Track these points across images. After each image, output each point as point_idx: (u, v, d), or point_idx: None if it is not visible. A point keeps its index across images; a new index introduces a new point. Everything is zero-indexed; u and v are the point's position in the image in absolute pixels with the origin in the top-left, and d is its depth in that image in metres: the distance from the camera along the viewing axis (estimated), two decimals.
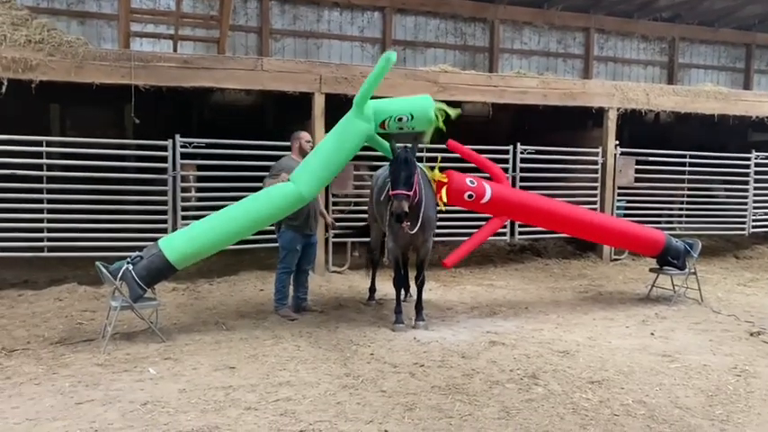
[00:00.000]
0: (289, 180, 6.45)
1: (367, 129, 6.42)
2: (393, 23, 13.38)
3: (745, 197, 11.73)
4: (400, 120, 6.45)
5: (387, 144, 6.65)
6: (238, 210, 6.40)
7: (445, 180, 6.85)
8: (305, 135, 7.28)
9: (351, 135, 6.42)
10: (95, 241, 8.22)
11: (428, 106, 6.50)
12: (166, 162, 8.51)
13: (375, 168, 8.73)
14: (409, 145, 6.44)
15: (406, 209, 6.08)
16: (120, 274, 5.93)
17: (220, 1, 10.27)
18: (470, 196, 6.99)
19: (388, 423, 4.32)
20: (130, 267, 5.96)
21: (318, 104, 9.10)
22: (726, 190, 12.15)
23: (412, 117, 6.45)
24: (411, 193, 6.18)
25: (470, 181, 7.00)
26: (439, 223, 7.76)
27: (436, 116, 6.48)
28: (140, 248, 6.44)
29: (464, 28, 14.05)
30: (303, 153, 7.11)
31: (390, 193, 6.22)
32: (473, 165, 7.60)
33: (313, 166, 6.43)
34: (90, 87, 8.15)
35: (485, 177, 7.40)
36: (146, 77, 8.26)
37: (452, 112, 6.61)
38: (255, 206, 6.39)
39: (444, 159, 7.44)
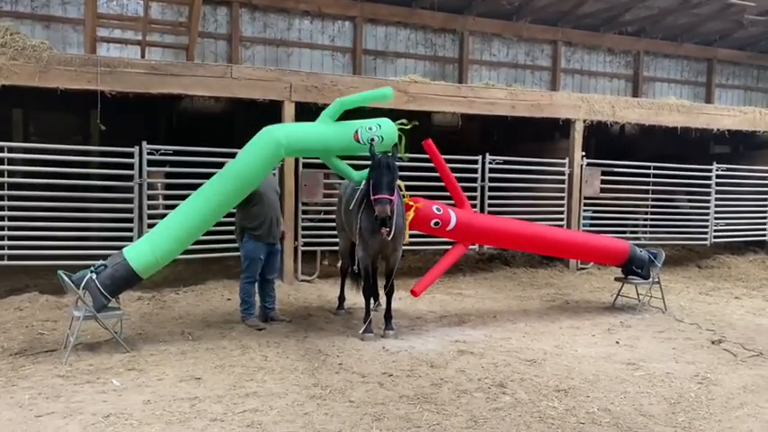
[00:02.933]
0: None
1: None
2: (364, 33, 13.42)
3: (707, 208, 12.01)
4: (370, 129, 6.64)
5: (343, 165, 6.89)
6: (190, 201, 6.36)
7: (413, 206, 6.89)
8: None
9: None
10: (58, 249, 8.04)
11: (389, 122, 6.89)
12: (133, 169, 8.38)
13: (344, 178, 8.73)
14: (389, 152, 6.49)
15: (390, 213, 6.12)
16: (84, 283, 5.82)
17: (189, 7, 10.20)
18: (436, 224, 7.08)
19: None
20: (94, 276, 5.85)
21: (288, 113, 9.08)
22: (689, 201, 12.44)
23: (380, 127, 6.68)
24: (394, 198, 6.23)
25: (437, 208, 7.08)
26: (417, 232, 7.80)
27: (400, 131, 6.81)
28: (105, 257, 6.32)
29: (434, 39, 14.17)
30: None
31: (373, 197, 6.20)
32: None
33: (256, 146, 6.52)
34: (54, 93, 8.00)
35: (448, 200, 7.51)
36: (112, 83, 8.14)
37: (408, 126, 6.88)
38: (206, 191, 6.38)
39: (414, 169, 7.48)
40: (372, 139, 6.57)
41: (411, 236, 7.14)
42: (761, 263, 12.31)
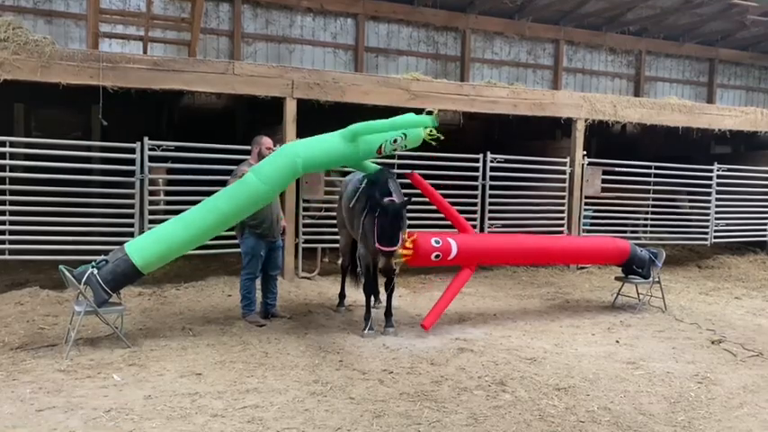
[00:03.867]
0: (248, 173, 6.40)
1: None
2: (366, 30, 13.43)
3: (708, 208, 12.02)
4: (395, 141, 6.42)
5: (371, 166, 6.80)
6: (203, 208, 6.34)
7: (410, 247, 6.69)
8: (266, 141, 7.13)
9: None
10: (59, 244, 8.04)
11: (419, 131, 6.56)
12: (134, 165, 8.38)
13: (345, 174, 8.74)
14: (405, 199, 6.43)
15: (395, 266, 6.22)
16: (85, 278, 5.81)
17: (192, 3, 10.19)
18: (437, 256, 6.92)
19: (357, 430, 4.31)
20: (95, 271, 5.85)
21: (290, 110, 9.06)
22: (689, 201, 12.44)
23: (405, 136, 6.43)
24: (398, 246, 6.22)
25: (435, 241, 6.91)
26: (418, 230, 7.79)
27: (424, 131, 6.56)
28: (106, 252, 6.33)
29: (436, 37, 14.17)
30: (262, 159, 7.05)
31: (379, 246, 6.15)
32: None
33: (274, 166, 6.35)
34: (56, 88, 8.00)
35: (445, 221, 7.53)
36: (114, 79, 8.13)
37: (435, 118, 6.60)
38: (218, 203, 6.32)
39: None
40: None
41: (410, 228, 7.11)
42: (761, 263, 12.31)
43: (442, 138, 6.62)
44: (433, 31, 14.15)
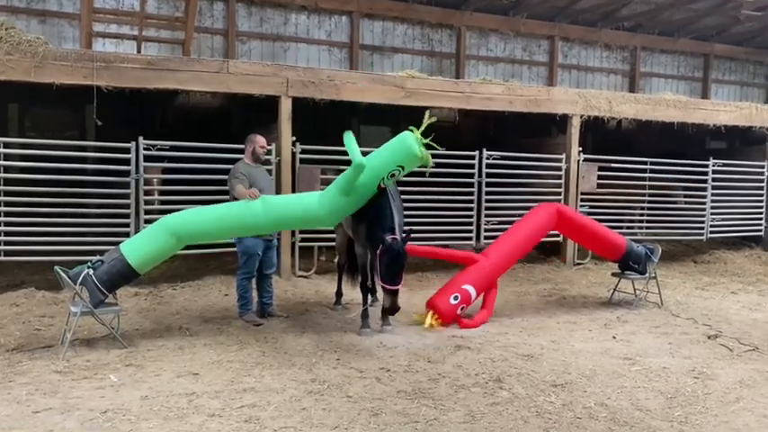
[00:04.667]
0: (258, 198, 6.31)
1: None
2: (361, 28, 13.40)
3: (704, 203, 12.05)
4: (393, 175, 6.12)
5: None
6: (203, 213, 6.33)
7: (437, 320, 6.97)
8: (260, 139, 7.13)
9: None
10: (54, 245, 8.01)
11: (413, 149, 5.96)
12: (129, 165, 8.36)
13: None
14: (405, 234, 6.35)
15: (399, 305, 6.20)
16: (81, 278, 5.80)
17: (186, 2, 10.16)
18: (462, 308, 7.14)
19: (354, 428, 4.31)
20: (91, 272, 5.84)
21: (285, 108, 9.05)
22: (685, 196, 12.46)
23: (403, 168, 6.09)
24: (401, 286, 6.22)
25: (454, 297, 7.06)
26: (414, 227, 7.80)
27: (421, 149, 6.03)
28: (101, 253, 6.31)
29: (431, 34, 14.15)
30: (256, 158, 7.06)
31: (383, 284, 6.13)
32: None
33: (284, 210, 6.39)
34: (50, 88, 7.97)
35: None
36: (108, 78, 8.11)
37: (430, 121, 6.19)
38: (222, 213, 6.32)
39: None
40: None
41: (415, 231, 7.13)
42: (756, 258, 12.34)
43: (436, 147, 6.22)
44: (428, 29, 14.13)
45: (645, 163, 11.57)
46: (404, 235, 6.35)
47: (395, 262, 6.07)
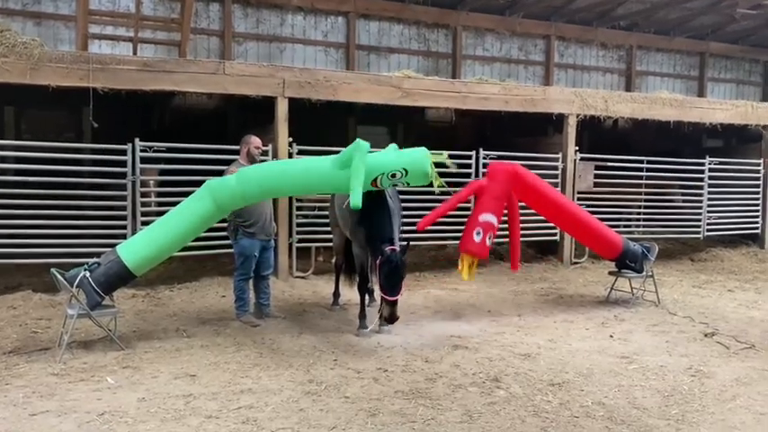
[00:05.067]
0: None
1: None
2: (357, 28, 13.40)
3: (700, 201, 12.07)
4: (394, 176, 6.02)
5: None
6: (190, 207, 6.34)
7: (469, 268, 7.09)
8: (255, 140, 7.15)
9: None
10: (51, 247, 8.00)
11: (424, 161, 6.02)
12: (125, 166, 8.35)
13: None
14: (403, 244, 6.38)
15: (398, 315, 6.25)
16: (77, 280, 5.80)
17: (182, 3, 10.15)
18: (490, 237, 7.12)
19: (351, 429, 4.31)
20: (87, 274, 5.84)
21: (282, 109, 9.05)
22: (682, 195, 12.48)
23: (406, 172, 6.02)
24: (399, 297, 6.25)
25: (477, 233, 7.05)
26: (411, 228, 7.79)
27: (431, 169, 6.06)
28: (98, 255, 6.30)
29: (427, 34, 14.16)
30: (251, 158, 7.07)
31: (383, 295, 6.17)
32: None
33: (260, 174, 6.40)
34: (46, 90, 7.96)
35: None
36: (104, 80, 8.09)
37: (447, 162, 6.31)
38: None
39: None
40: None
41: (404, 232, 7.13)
42: (753, 256, 12.37)
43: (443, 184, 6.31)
44: (425, 29, 14.13)
45: (641, 162, 11.59)
46: (403, 244, 6.38)
47: (394, 273, 6.11)
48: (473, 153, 10.41)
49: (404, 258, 6.24)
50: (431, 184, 6.22)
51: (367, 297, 7.04)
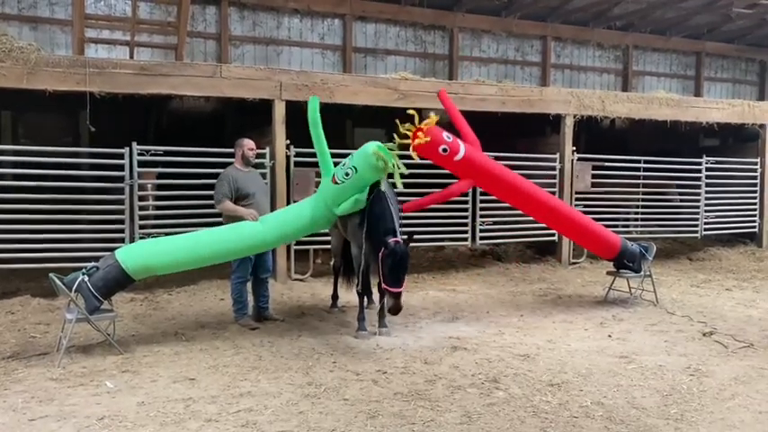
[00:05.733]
0: (257, 220, 6.52)
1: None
2: (353, 31, 13.41)
3: (698, 201, 12.09)
4: (347, 175, 6.21)
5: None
6: (209, 237, 6.40)
7: (425, 128, 6.76)
8: (248, 143, 7.18)
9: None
10: (49, 252, 8.00)
11: (367, 153, 6.05)
12: (123, 170, 8.35)
13: None
14: (404, 237, 6.34)
15: (402, 306, 6.20)
16: (76, 285, 5.80)
17: (178, 7, 10.16)
18: (445, 150, 7.02)
19: (351, 431, 4.31)
20: (86, 278, 5.83)
21: (279, 112, 9.06)
22: (679, 194, 12.50)
23: (356, 170, 6.14)
24: (403, 288, 6.21)
25: (447, 135, 7.02)
26: (409, 229, 7.79)
27: (384, 160, 5.95)
28: (96, 259, 6.30)
29: (424, 36, 14.17)
30: (246, 161, 7.09)
31: (386, 287, 6.12)
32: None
33: (284, 220, 6.60)
34: (43, 94, 7.96)
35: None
36: (101, 84, 8.10)
37: (394, 147, 6.33)
38: (226, 236, 6.40)
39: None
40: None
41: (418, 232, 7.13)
42: (751, 254, 12.39)
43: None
44: (421, 30, 14.15)
45: (639, 161, 11.61)
46: (405, 237, 6.36)
47: (398, 265, 6.07)
48: None
49: (408, 249, 6.22)
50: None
51: (365, 299, 7.04)
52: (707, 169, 12.04)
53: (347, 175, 6.20)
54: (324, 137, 6.53)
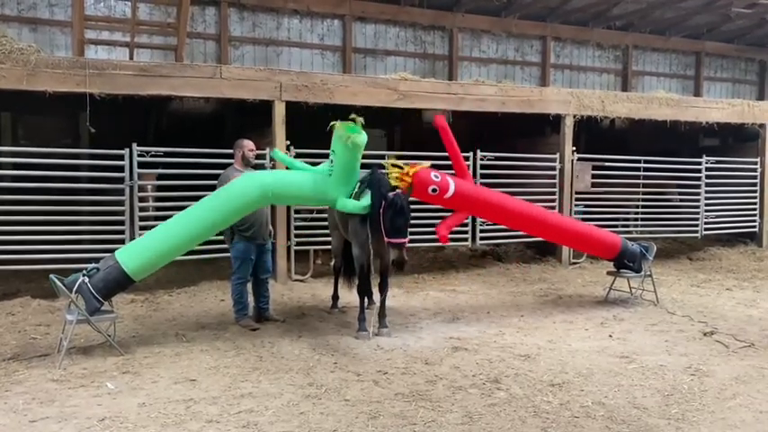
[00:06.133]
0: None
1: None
2: (353, 31, 13.41)
3: (698, 201, 12.09)
4: (331, 162, 6.45)
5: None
6: (196, 211, 6.35)
7: (411, 173, 6.72)
8: (248, 143, 7.19)
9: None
10: (49, 253, 7.99)
11: (337, 135, 6.36)
12: (123, 171, 8.35)
13: None
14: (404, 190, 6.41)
15: (407, 258, 6.20)
16: (76, 286, 5.79)
17: (178, 8, 10.16)
18: (434, 190, 6.96)
19: None
20: (86, 280, 5.83)
21: (279, 112, 9.06)
22: (679, 194, 12.50)
23: (334, 152, 6.40)
24: (407, 239, 6.25)
25: (435, 175, 6.97)
26: (415, 228, 7.79)
27: (347, 135, 6.24)
28: (97, 260, 6.30)
29: (423, 36, 14.17)
30: (246, 162, 7.09)
31: (388, 240, 6.18)
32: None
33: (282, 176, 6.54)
34: (43, 96, 7.96)
35: (449, 172, 7.38)
36: (101, 85, 8.10)
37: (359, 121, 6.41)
38: (214, 204, 6.35)
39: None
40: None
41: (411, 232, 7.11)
42: (751, 254, 12.39)
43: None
44: (421, 31, 14.14)
45: (638, 161, 11.61)
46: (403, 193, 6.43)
47: (399, 215, 6.13)
48: (470, 154, 10.42)
49: (408, 201, 6.29)
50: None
51: (366, 299, 7.04)
52: (707, 169, 12.04)
53: (331, 162, 6.42)
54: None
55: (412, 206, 7.43)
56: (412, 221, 9.36)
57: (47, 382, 5.24)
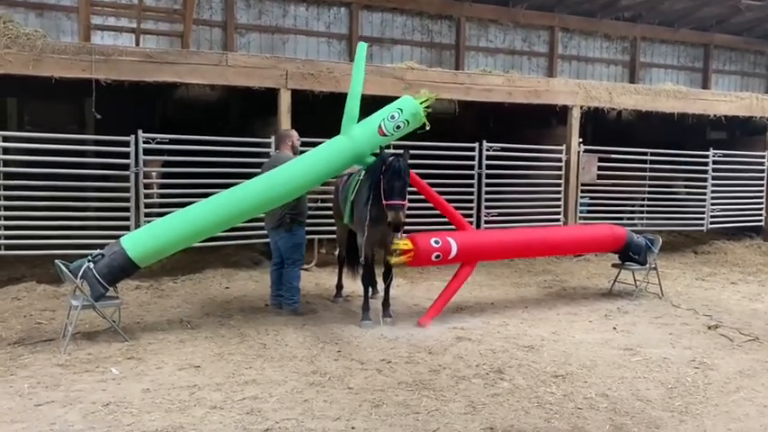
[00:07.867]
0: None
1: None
2: (360, 20, 13.35)
3: (704, 194, 12.04)
4: (393, 117, 6.47)
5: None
6: (208, 206, 6.33)
7: (410, 247, 6.63)
8: (295, 134, 7.32)
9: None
10: (55, 239, 8.02)
11: (413, 102, 6.63)
12: (128, 158, 8.35)
13: None
14: (401, 152, 6.45)
15: (404, 219, 6.20)
16: (81, 272, 5.80)
17: None
18: (438, 257, 6.86)
19: (356, 420, 4.32)
20: (91, 266, 5.84)
21: (285, 100, 9.04)
22: (685, 187, 12.45)
23: (402, 111, 6.51)
24: (406, 202, 6.28)
25: (435, 241, 6.82)
26: (414, 219, 7.78)
27: (421, 108, 6.60)
28: (102, 246, 6.31)
29: (430, 25, 14.10)
30: (295, 151, 7.15)
31: (386, 202, 6.18)
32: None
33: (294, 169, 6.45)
34: (49, 81, 7.95)
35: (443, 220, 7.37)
36: (107, 71, 8.09)
37: (431, 98, 6.75)
38: (231, 199, 6.34)
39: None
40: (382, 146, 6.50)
41: (408, 221, 7.07)
42: (757, 248, 12.36)
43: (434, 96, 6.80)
44: (428, 20, 14.07)
45: (645, 154, 11.56)
46: (400, 152, 6.50)
47: (397, 177, 6.17)
48: (476, 145, 10.39)
49: (407, 164, 6.32)
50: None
51: (370, 289, 7.03)
52: (714, 162, 11.99)
53: (398, 128, 6.49)
54: (362, 80, 6.66)
55: (412, 197, 7.46)
56: (414, 211, 9.44)
57: (52, 366, 5.26)
